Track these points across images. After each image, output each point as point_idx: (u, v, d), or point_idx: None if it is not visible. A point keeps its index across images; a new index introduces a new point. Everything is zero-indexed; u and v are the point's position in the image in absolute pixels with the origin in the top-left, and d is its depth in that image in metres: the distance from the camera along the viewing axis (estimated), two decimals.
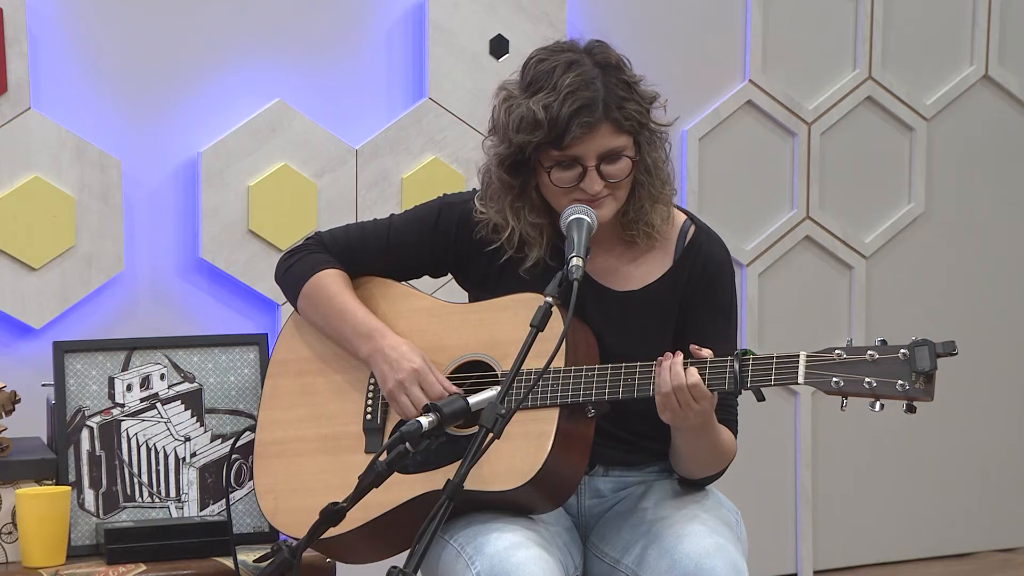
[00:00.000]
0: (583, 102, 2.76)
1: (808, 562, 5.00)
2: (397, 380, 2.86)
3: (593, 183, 2.79)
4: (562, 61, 2.80)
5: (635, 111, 2.80)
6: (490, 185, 2.90)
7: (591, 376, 2.76)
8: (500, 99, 2.86)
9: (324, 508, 2.53)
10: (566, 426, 2.76)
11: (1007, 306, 5.26)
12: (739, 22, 4.83)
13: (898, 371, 2.59)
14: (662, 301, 2.89)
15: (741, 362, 2.66)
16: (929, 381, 2.58)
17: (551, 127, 2.76)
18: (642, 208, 2.87)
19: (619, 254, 2.92)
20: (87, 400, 3.25)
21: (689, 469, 2.89)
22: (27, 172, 4.02)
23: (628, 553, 2.83)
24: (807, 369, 2.63)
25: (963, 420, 5.20)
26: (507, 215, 2.88)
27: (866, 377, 2.61)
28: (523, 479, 2.72)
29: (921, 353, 2.58)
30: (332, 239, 3.05)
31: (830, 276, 5.03)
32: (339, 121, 4.33)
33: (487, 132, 2.90)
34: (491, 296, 2.92)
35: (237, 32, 4.22)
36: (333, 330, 2.98)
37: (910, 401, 2.60)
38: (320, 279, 2.99)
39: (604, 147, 2.79)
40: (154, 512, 3.26)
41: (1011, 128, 5.22)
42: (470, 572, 2.68)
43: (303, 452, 2.97)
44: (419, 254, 2.99)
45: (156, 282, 4.18)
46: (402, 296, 3.00)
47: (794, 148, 4.94)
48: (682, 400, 2.69)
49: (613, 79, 2.80)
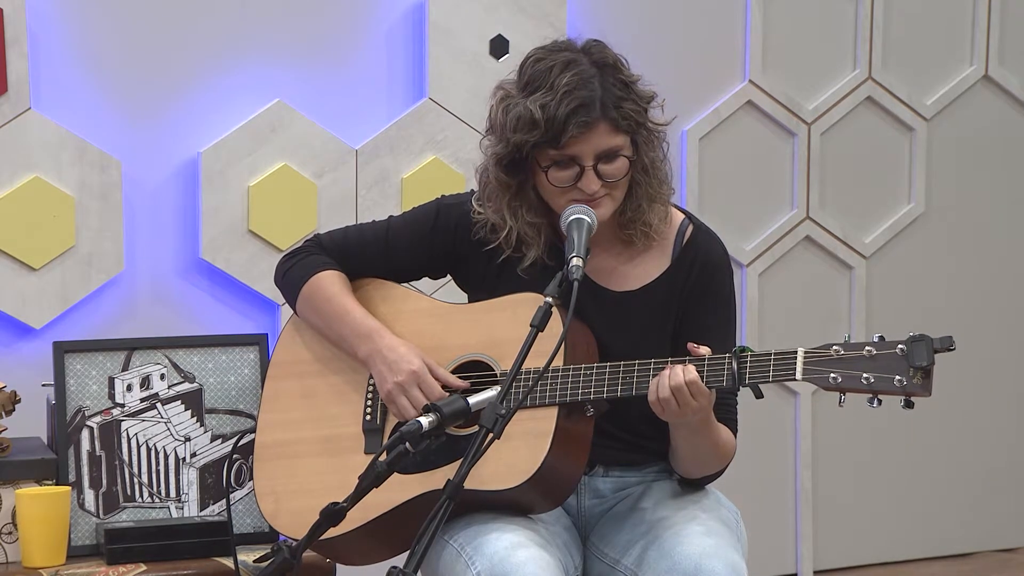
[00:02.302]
0: (580, 101, 2.76)
1: (808, 562, 5.00)
2: (396, 382, 2.86)
3: (590, 183, 2.79)
4: (559, 60, 2.80)
5: (632, 110, 2.80)
6: (487, 185, 2.90)
7: (590, 375, 2.76)
8: (497, 99, 2.86)
9: (324, 508, 2.53)
10: (565, 425, 2.75)
11: (1007, 306, 5.26)
12: (739, 22, 4.83)
13: (896, 367, 2.60)
14: (660, 301, 2.89)
15: (739, 359, 2.66)
16: (927, 376, 2.59)
17: (548, 126, 2.76)
18: (639, 208, 2.87)
19: (617, 254, 2.92)
20: (87, 400, 3.25)
21: (689, 468, 2.89)
22: (27, 172, 4.02)
23: (628, 553, 2.83)
24: (805, 365, 2.64)
25: (963, 420, 5.20)
26: (504, 215, 2.87)
27: (864, 373, 2.61)
28: (522, 478, 2.72)
29: (918, 348, 2.59)
30: (331, 241, 3.05)
31: (830, 276, 5.03)
32: (339, 121, 4.33)
33: (484, 131, 2.90)
34: (490, 296, 2.92)
35: (237, 32, 4.22)
36: (332, 331, 2.98)
37: (908, 397, 2.61)
38: (319, 280, 2.99)
39: (601, 146, 2.78)
40: (154, 512, 3.26)
41: (1011, 128, 5.22)
42: (470, 572, 2.68)
43: (303, 454, 2.97)
44: (417, 255, 2.99)
45: (156, 282, 4.18)
46: (401, 297, 3.00)
47: (794, 148, 4.94)
48: (681, 399, 2.69)
49: (610, 78, 2.80)
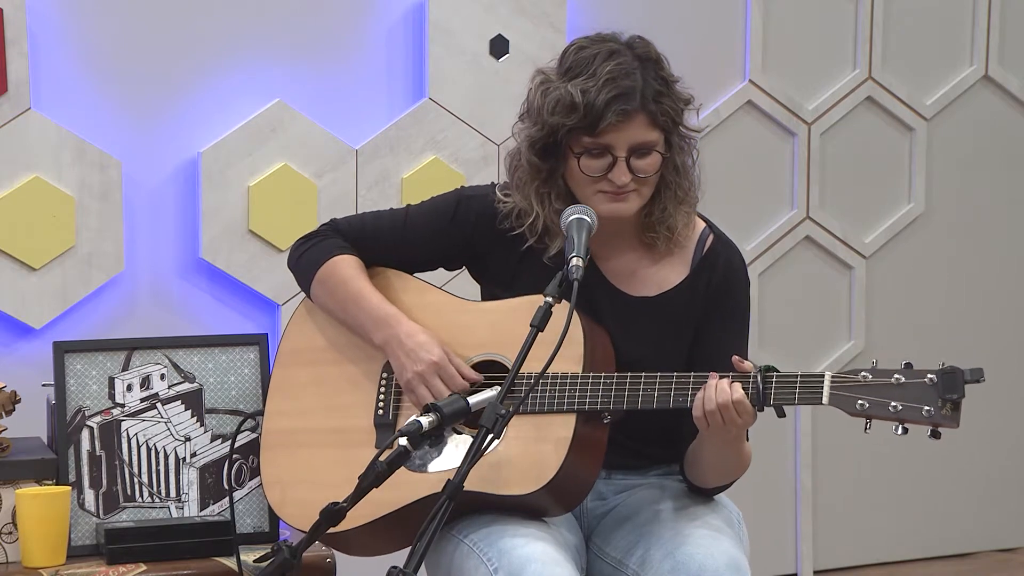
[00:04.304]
0: (621, 90, 2.74)
1: (808, 562, 5.00)
2: (416, 371, 2.84)
3: (621, 174, 2.77)
4: (603, 50, 2.80)
5: (670, 108, 2.79)
6: (518, 168, 2.87)
7: (610, 384, 2.74)
8: (536, 83, 2.83)
9: (324, 508, 2.53)
10: (582, 432, 2.74)
11: (1007, 306, 5.26)
12: (739, 22, 4.83)
13: (925, 396, 2.56)
14: (677, 309, 2.87)
15: (764, 378, 2.65)
16: (956, 408, 2.55)
17: (587, 111, 2.74)
18: (665, 210, 2.85)
19: (637, 258, 2.90)
20: (87, 400, 3.25)
21: (708, 478, 2.87)
22: (27, 172, 4.02)
23: (631, 554, 2.82)
24: (832, 391, 2.61)
25: (963, 420, 5.18)
26: (532, 201, 2.85)
27: (892, 401, 2.58)
28: (539, 484, 2.71)
29: (949, 380, 2.54)
30: (348, 226, 3.03)
31: (830, 276, 5.03)
32: (339, 121, 4.33)
33: (518, 117, 2.87)
34: (507, 289, 2.90)
35: (237, 32, 4.22)
36: (347, 315, 2.96)
37: (935, 427, 2.58)
38: (335, 264, 2.97)
39: (637, 139, 2.77)
40: (154, 512, 3.26)
41: (1011, 128, 5.22)
42: (486, 568, 2.68)
43: (312, 444, 2.96)
44: (434, 246, 2.97)
45: (156, 282, 4.18)
46: (418, 290, 2.98)
47: (794, 148, 4.94)
48: (727, 417, 2.66)
49: (652, 73, 2.79)
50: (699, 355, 2.87)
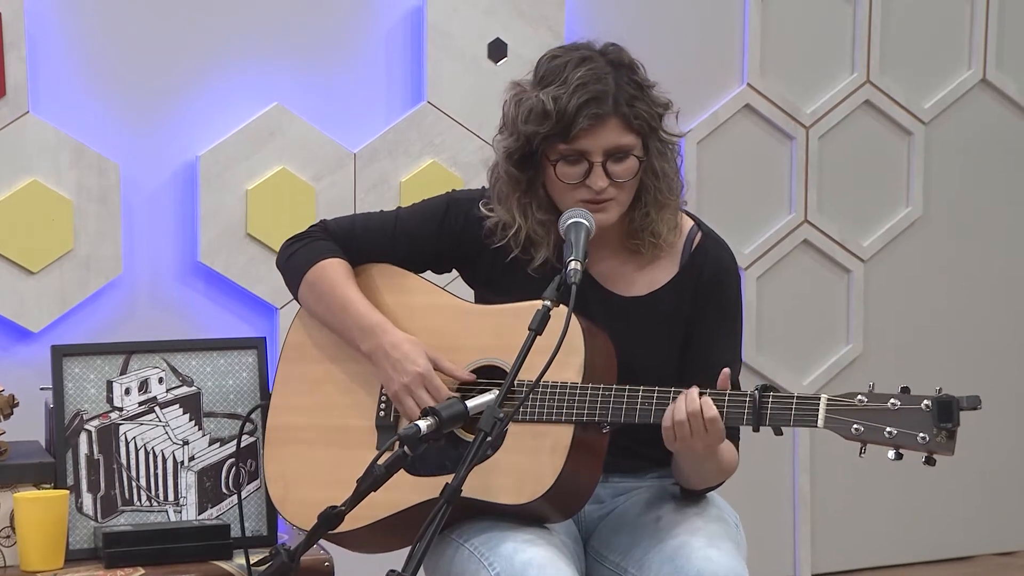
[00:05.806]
0: (592, 95, 2.75)
1: (806, 566, 5.00)
2: (402, 384, 2.85)
3: (598, 179, 2.77)
4: (575, 57, 2.80)
5: (645, 111, 2.79)
6: (498, 181, 2.87)
7: (608, 396, 2.73)
8: (511, 94, 2.85)
9: (322, 512, 2.52)
10: (581, 441, 2.73)
11: (1005, 309, 5.26)
12: (737, 26, 4.83)
13: (920, 423, 2.56)
14: (668, 307, 2.87)
15: (761, 398, 2.64)
16: (951, 437, 2.55)
17: (559, 118, 2.75)
18: (648, 215, 2.85)
19: (624, 260, 2.90)
20: (85, 404, 3.25)
21: (690, 483, 2.88)
22: (25, 176, 4.02)
23: (629, 557, 2.82)
24: (827, 414, 2.60)
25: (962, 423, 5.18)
26: (514, 212, 2.85)
27: (887, 426, 2.57)
28: (537, 493, 2.71)
29: (945, 408, 2.54)
30: (338, 227, 3.03)
31: (828, 280, 5.02)
32: (337, 125, 4.33)
33: (497, 129, 2.89)
34: (498, 295, 2.90)
35: (235, 36, 4.22)
36: (335, 321, 2.95)
37: (930, 454, 2.57)
38: (323, 268, 2.97)
39: (611, 143, 2.77)
40: (152, 516, 3.26)
41: (1009, 131, 5.22)
42: (487, 573, 2.68)
43: (313, 442, 2.95)
44: (423, 248, 2.97)
45: (154, 286, 4.18)
46: (418, 289, 2.97)
47: (792, 152, 4.94)
48: (695, 428, 2.65)
49: (625, 78, 2.79)
50: (692, 353, 2.87)
